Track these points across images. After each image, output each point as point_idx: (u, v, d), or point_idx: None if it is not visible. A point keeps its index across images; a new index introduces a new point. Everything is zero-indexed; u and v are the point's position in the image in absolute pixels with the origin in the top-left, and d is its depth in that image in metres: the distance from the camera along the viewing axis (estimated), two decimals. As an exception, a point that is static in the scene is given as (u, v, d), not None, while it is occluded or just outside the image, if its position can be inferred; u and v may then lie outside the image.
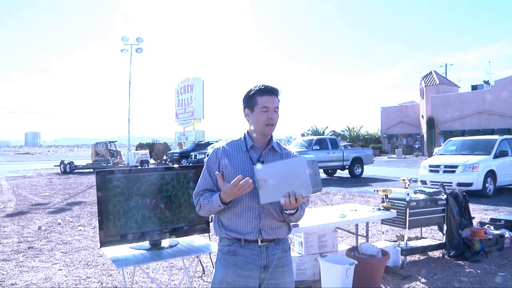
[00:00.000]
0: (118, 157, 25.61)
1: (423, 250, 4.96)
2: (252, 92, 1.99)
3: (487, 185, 10.58)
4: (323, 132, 49.88)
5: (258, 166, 1.88)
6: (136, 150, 34.37)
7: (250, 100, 1.99)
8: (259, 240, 1.94)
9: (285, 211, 1.88)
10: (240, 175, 1.81)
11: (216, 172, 1.90)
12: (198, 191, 1.99)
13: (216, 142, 24.72)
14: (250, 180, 1.81)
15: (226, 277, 1.95)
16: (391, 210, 4.37)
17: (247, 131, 2.05)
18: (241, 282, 1.93)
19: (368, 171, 18.79)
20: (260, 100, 1.96)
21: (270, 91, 1.97)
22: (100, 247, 3.03)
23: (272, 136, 2.05)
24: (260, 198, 1.86)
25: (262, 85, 1.99)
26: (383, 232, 5.93)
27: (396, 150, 39.40)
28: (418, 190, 5.12)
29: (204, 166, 2.04)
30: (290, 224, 2.07)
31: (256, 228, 1.93)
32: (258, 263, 1.93)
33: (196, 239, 3.43)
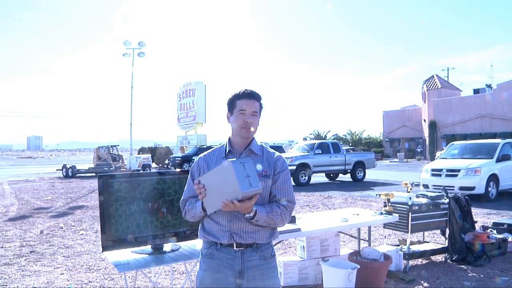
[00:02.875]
0: (120, 161, 25.67)
1: (426, 254, 4.94)
2: (233, 95, 2.03)
3: (489, 189, 10.54)
4: (325, 136, 49.86)
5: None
6: (138, 154, 34.43)
7: (231, 104, 2.03)
8: (234, 244, 1.94)
9: (244, 216, 1.88)
10: (196, 180, 1.86)
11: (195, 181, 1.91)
12: (184, 198, 2.06)
13: (217, 146, 24.74)
14: (199, 184, 1.83)
15: (204, 279, 1.98)
16: (393, 214, 4.36)
17: (229, 136, 2.08)
18: (218, 285, 1.95)
19: (370, 175, 18.75)
20: (238, 103, 1.99)
21: (248, 95, 2.00)
22: (102, 251, 3.03)
23: (253, 139, 2.05)
24: (206, 209, 1.88)
25: (243, 89, 2.02)
26: (385, 236, 5.91)
27: (398, 154, 39.35)
28: (420, 194, 5.11)
29: (189, 174, 2.11)
30: (276, 229, 2.05)
31: (228, 232, 1.94)
32: (233, 268, 1.93)
33: (198, 243, 3.42)
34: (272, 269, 2.01)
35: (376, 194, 4.95)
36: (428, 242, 5.44)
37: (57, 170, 24.70)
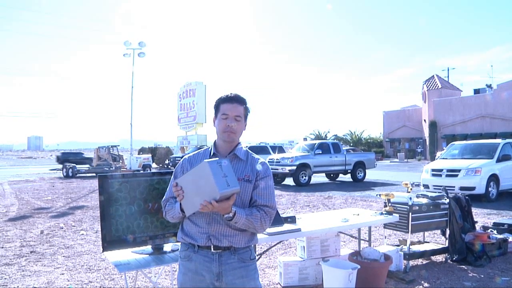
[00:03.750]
0: (120, 161, 25.66)
1: (426, 254, 4.94)
2: (217, 100, 2.04)
3: (490, 189, 10.54)
4: (326, 136, 49.89)
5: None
6: (138, 154, 34.43)
7: (216, 108, 2.05)
8: (211, 246, 1.93)
9: (223, 216, 1.86)
10: (174, 182, 1.87)
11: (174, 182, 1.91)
12: (165, 198, 2.06)
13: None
14: (177, 186, 1.83)
15: (184, 282, 1.98)
16: (394, 214, 4.36)
17: (215, 140, 2.09)
18: (198, 286, 1.95)
19: (371, 175, 18.75)
20: (222, 107, 2.00)
21: (231, 99, 2.00)
22: (102, 251, 3.03)
23: (239, 144, 2.05)
24: (185, 210, 1.88)
25: (227, 93, 2.03)
26: (385, 237, 5.91)
27: (398, 154, 39.34)
28: (421, 194, 5.11)
29: (172, 175, 2.11)
30: (255, 234, 2.04)
31: (206, 234, 1.93)
32: (210, 270, 1.93)
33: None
34: (252, 271, 2.00)
35: (377, 194, 4.95)
36: (428, 242, 5.44)
37: (56, 169, 24.68)
